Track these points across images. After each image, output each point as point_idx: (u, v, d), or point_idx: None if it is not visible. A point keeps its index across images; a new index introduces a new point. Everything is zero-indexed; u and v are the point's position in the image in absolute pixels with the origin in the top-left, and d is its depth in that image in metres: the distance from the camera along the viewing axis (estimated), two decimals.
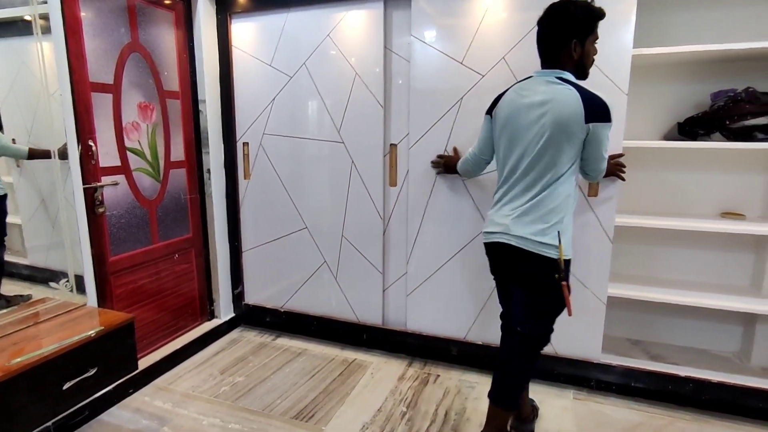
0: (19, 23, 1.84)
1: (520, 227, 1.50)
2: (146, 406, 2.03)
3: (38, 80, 1.83)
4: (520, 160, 1.52)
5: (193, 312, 2.64)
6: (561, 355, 2.13)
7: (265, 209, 2.66)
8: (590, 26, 1.47)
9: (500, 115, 1.58)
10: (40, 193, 1.97)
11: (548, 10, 1.49)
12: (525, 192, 1.51)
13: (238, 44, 2.54)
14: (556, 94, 1.44)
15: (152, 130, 2.30)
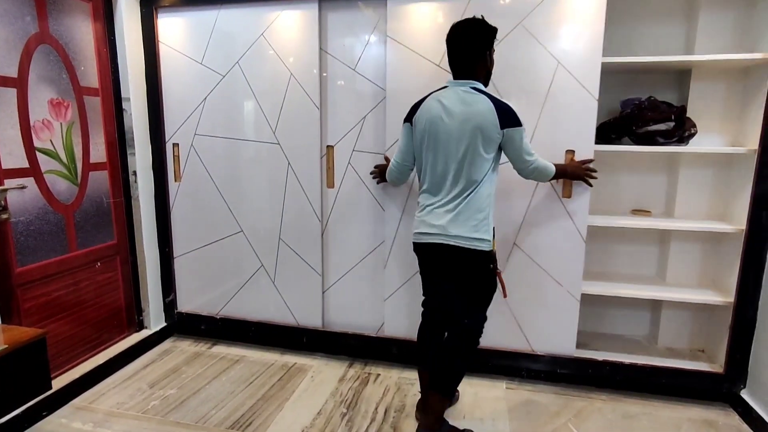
0: None
1: (455, 227, 1.62)
2: (62, 428, 1.87)
3: None
4: (447, 166, 1.63)
5: (119, 323, 2.47)
6: (537, 351, 2.19)
7: (197, 212, 2.55)
8: (494, 40, 1.67)
9: (421, 122, 1.67)
10: None
11: (463, 26, 1.63)
12: (454, 195, 1.63)
13: (166, 40, 2.42)
14: (474, 104, 1.58)
15: (67, 129, 2.13)
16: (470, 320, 1.73)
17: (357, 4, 2.16)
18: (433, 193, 1.69)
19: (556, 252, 2.10)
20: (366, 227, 2.33)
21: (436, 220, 1.65)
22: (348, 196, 2.33)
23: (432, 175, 1.68)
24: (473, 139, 1.57)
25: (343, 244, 2.39)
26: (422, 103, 1.69)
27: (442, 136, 1.61)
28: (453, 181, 1.63)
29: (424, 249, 1.73)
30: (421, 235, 1.71)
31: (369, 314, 2.41)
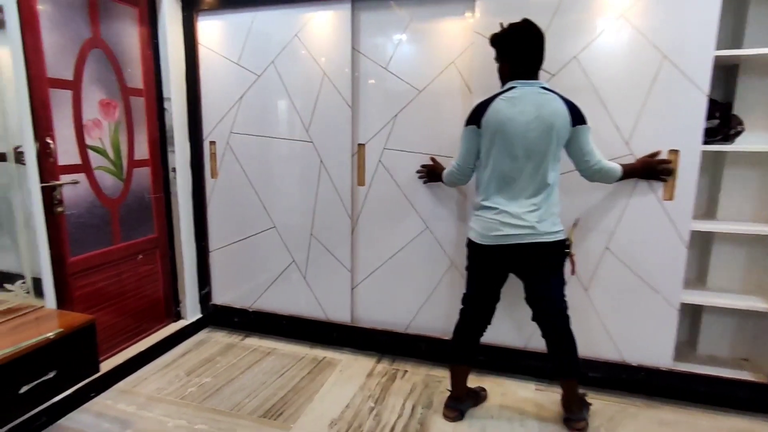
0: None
1: (543, 225, 1.67)
2: (108, 409, 1.99)
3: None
4: (523, 166, 1.65)
5: (159, 314, 2.59)
6: (629, 362, 2.08)
7: (232, 208, 2.64)
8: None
9: (491, 124, 1.66)
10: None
11: (528, 27, 1.65)
12: (534, 194, 1.68)
13: (205, 42, 2.51)
14: (548, 104, 1.62)
15: (115, 127, 2.25)
16: (564, 304, 1.79)
17: (389, 4, 2.18)
18: (506, 194, 1.70)
19: (653, 258, 1.99)
20: (395, 225, 2.35)
21: (520, 220, 1.67)
22: (378, 193, 2.36)
23: (503, 176, 1.69)
24: (549, 138, 1.61)
25: (373, 241, 2.42)
26: (489, 104, 1.68)
27: (517, 137, 1.62)
28: (530, 180, 1.66)
29: (505, 249, 1.72)
30: (503, 237, 1.69)
31: (397, 311, 2.43)
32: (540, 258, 1.73)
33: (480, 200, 1.77)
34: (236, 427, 1.88)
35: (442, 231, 2.28)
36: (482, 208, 1.75)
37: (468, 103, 2.13)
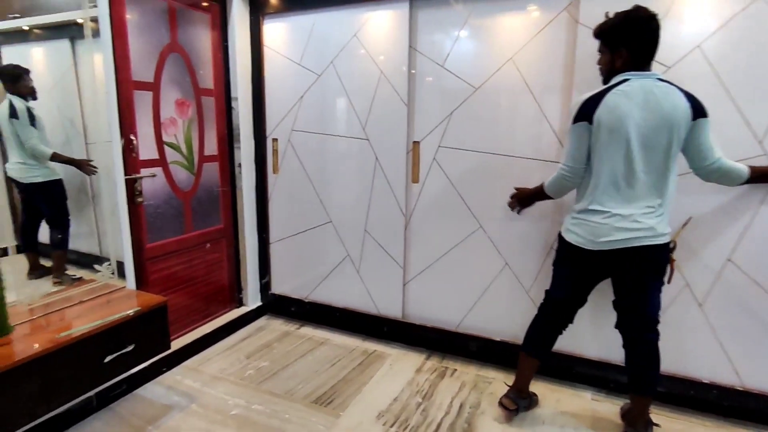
0: (72, 26, 2.00)
1: (661, 226, 1.57)
2: (177, 384, 2.17)
3: (88, 79, 1.99)
4: (639, 164, 1.53)
5: (223, 299, 2.78)
6: (748, 388, 1.89)
7: (292, 203, 2.76)
8: None
9: (606, 120, 1.54)
10: (84, 182, 2.13)
11: (645, 15, 1.52)
12: (650, 194, 1.56)
13: (270, 44, 2.65)
14: (667, 97, 1.49)
15: (188, 125, 2.44)
16: (658, 315, 1.67)
17: (448, 1, 2.18)
18: (618, 197, 1.58)
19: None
20: (449, 223, 2.35)
21: (635, 222, 1.55)
22: (432, 191, 2.37)
23: (616, 177, 1.57)
24: (670, 133, 1.49)
25: (425, 238, 2.43)
26: (601, 99, 1.55)
27: (634, 133, 1.51)
28: (646, 181, 1.55)
29: (611, 255, 1.60)
30: (612, 242, 1.58)
31: (448, 309, 2.43)
32: (648, 262, 1.60)
33: (584, 204, 1.64)
34: (289, 410, 1.98)
35: (496, 231, 2.25)
36: (587, 211, 1.63)
37: (524, 101, 2.09)
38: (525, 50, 2.06)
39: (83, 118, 2.09)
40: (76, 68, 2.06)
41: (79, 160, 2.06)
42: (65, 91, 2.08)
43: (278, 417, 1.93)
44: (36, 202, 2.04)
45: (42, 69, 2.06)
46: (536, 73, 2.04)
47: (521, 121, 2.12)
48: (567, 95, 2.01)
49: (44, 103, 1.99)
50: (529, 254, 2.18)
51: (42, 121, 1.97)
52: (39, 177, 1.99)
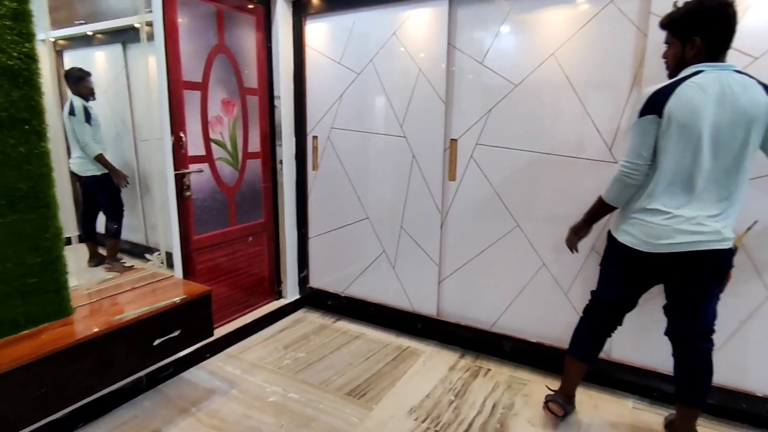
0: (125, 32, 2.14)
1: (728, 230, 1.48)
2: (219, 370, 2.28)
3: (141, 81, 2.12)
4: (709, 162, 1.43)
5: (263, 291, 2.88)
6: None
7: (330, 199, 2.82)
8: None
9: (678, 113, 1.42)
10: (133, 178, 2.28)
11: (729, 2, 1.43)
12: (719, 195, 1.46)
13: (311, 43, 2.71)
14: (746, 90, 1.40)
15: (233, 123, 2.54)
16: (714, 325, 1.59)
17: None
18: (683, 196, 1.48)
19: None
20: (485, 221, 2.33)
21: (700, 225, 1.45)
22: (468, 189, 2.35)
23: (682, 175, 1.47)
24: (747, 130, 1.39)
25: (461, 236, 2.42)
26: (673, 91, 1.44)
27: (709, 129, 1.40)
28: (716, 180, 1.45)
29: (670, 258, 1.51)
30: (673, 245, 1.49)
31: (483, 308, 2.41)
32: (710, 268, 1.50)
33: (642, 203, 1.54)
34: (324, 401, 2.03)
35: (534, 230, 2.20)
36: (645, 211, 1.53)
37: (566, 98, 2.03)
38: (568, 45, 2.00)
39: (132, 118, 2.24)
40: (127, 71, 2.22)
41: (116, 170, 2.20)
42: (118, 92, 2.23)
43: (313, 406, 1.99)
44: (93, 194, 2.20)
45: (99, 72, 2.22)
46: (580, 68, 1.98)
47: (562, 118, 2.07)
48: (615, 91, 1.94)
49: (99, 103, 2.15)
50: (568, 255, 2.11)
51: (98, 120, 2.13)
52: (95, 170, 2.14)
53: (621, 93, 1.93)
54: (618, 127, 1.95)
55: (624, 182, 1.56)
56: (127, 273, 2.12)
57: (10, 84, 1.45)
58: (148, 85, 2.08)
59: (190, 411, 1.95)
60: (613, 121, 1.96)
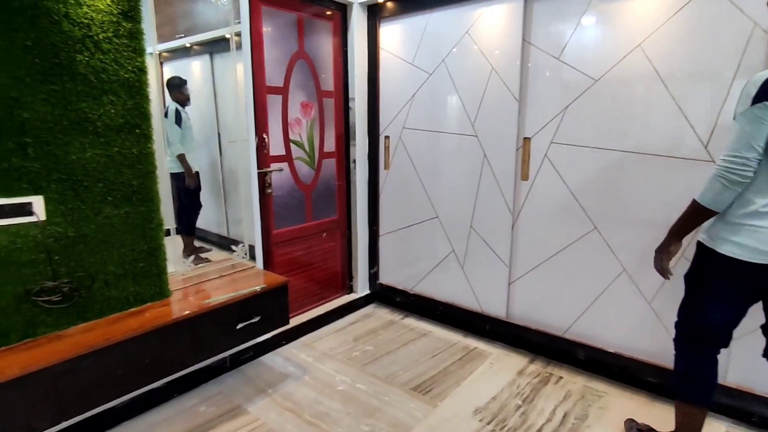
0: (212, 43, 2.36)
1: None
2: (294, 356, 2.43)
3: (229, 87, 2.32)
4: None
5: (335, 285, 3.01)
6: None
7: (400, 198, 2.88)
8: None
9: None
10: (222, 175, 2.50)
11: None
12: None
13: (385, 46, 2.78)
14: None
15: (311, 125, 2.69)
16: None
17: None
18: None
19: None
20: (559, 223, 2.24)
21: None
22: (542, 189, 2.27)
23: None
24: None
25: (534, 237, 2.34)
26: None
27: None
28: None
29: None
30: None
31: (556, 313, 2.31)
32: None
33: (754, 206, 1.36)
34: (389, 394, 2.09)
35: (614, 234, 2.08)
36: (757, 214, 1.35)
37: (654, 92, 1.89)
38: (658, 34, 1.86)
39: (218, 122, 2.46)
40: (214, 78, 2.46)
41: (190, 171, 2.40)
42: (206, 98, 2.48)
43: (379, 398, 2.06)
44: (178, 191, 2.45)
45: (192, 79, 2.48)
46: (671, 59, 1.83)
47: (649, 113, 1.93)
48: (714, 83, 1.77)
49: (192, 108, 2.40)
50: (652, 261, 1.97)
51: (188, 123, 2.37)
52: (178, 169, 2.38)
53: (721, 85, 1.76)
54: (716, 123, 1.78)
55: (728, 180, 1.36)
56: (214, 263, 2.33)
57: (126, 94, 1.67)
58: (237, 91, 2.27)
59: (267, 392, 2.11)
60: (710, 116, 1.79)
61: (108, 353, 1.52)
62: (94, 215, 1.64)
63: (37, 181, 1.50)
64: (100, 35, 1.58)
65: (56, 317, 1.58)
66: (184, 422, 1.90)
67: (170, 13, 2.27)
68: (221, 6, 2.22)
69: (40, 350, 1.46)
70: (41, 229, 1.52)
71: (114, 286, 1.72)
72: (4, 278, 1.46)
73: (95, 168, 1.62)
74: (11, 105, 1.41)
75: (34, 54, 1.44)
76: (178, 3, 2.29)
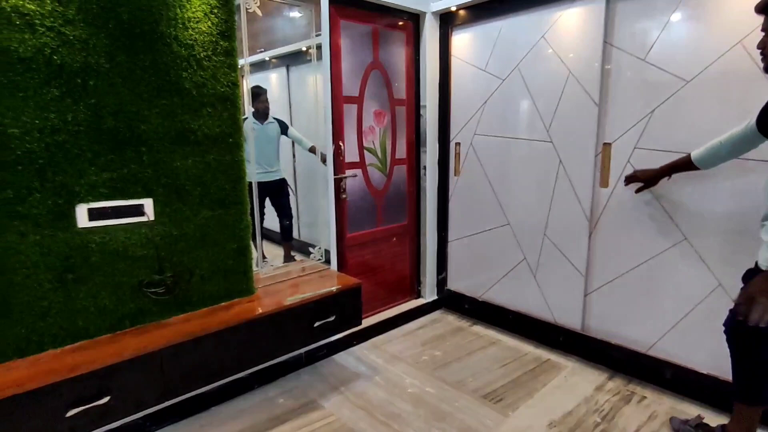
0: (288, 56, 2.52)
1: None
2: (365, 357, 2.50)
3: (308, 96, 2.46)
4: None
5: (404, 289, 3.06)
6: None
7: (470, 204, 2.87)
8: None
9: None
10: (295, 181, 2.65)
11: None
12: None
13: (456, 53, 2.80)
14: None
15: (383, 132, 2.77)
16: None
17: None
18: None
19: None
20: (644, 232, 2.11)
21: None
22: (624, 196, 2.16)
23: None
24: None
25: (614, 247, 2.23)
26: None
27: None
28: None
29: None
30: None
31: (638, 327, 2.18)
32: None
33: None
34: (459, 399, 2.08)
35: (708, 245, 1.93)
36: None
37: (759, 92, 1.73)
38: None
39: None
40: (289, 89, 2.62)
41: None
42: (281, 107, 2.66)
43: (448, 403, 2.06)
44: (260, 197, 2.62)
45: (268, 91, 2.67)
46: None
47: (749, 115, 1.77)
48: None
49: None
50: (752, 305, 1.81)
51: (265, 132, 2.54)
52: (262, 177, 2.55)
53: None
54: None
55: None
56: (293, 264, 2.47)
57: (222, 106, 1.84)
58: (316, 101, 2.40)
59: (339, 389, 2.19)
60: None
61: (205, 342, 1.67)
62: (193, 216, 1.81)
63: (149, 185, 1.69)
64: (201, 54, 1.75)
65: (160, 307, 1.77)
66: (265, 411, 2.03)
67: (253, 29, 2.46)
68: (300, 21, 2.36)
69: (149, 336, 1.64)
70: (150, 228, 1.71)
71: (208, 281, 1.88)
72: (122, 271, 1.66)
73: (195, 174, 1.79)
74: (131, 118, 1.61)
75: (150, 73, 1.64)
76: (260, 20, 2.47)
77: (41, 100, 1.43)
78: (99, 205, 1.58)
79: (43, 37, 1.41)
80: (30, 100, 1.41)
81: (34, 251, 1.48)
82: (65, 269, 1.54)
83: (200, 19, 1.73)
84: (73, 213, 1.54)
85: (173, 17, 1.66)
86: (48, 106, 1.44)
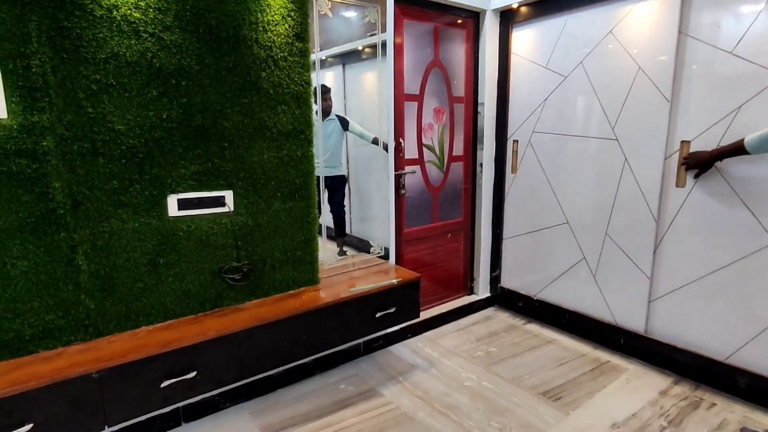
0: (344, 55, 2.59)
1: None
2: (420, 350, 2.55)
3: (373, 93, 2.53)
4: None
5: (457, 285, 3.08)
6: None
7: (527, 202, 2.85)
8: None
9: None
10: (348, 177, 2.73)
11: None
12: None
13: (516, 50, 2.78)
14: None
15: (442, 130, 2.80)
16: None
17: None
18: None
19: None
20: (723, 235, 2.02)
21: None
22: (702, 198, 2.07)
23: None
24: None
25: (687, 251, 2.15)
26: None
27: None
28: None
29: None
30: None
31: (714, 335, 2.09)
32: None
33: None
34: (517, 395, 2.09)
35: None
36: None
37: None
38: None
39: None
40: (345, 87, 2.71)
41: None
42: (337, 104, 2.77)
43: (506, 398, 2.07)
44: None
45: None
46: None
47: None
48: None
49: None
50: None
51: (326, 129, 2.64)
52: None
53: None
54: None
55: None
56: (354, 257, 2.55)
57: (295, 104, 1.94)
58: (379, 98, 2.46)
59: (398, 379, 2.25)
60: None
61: (277, 326, 1.78)
62: (267, 208, 1.93)
63: (230, 178, 1.81)
64: (278, 55, 1.86)
65: (237, 293, 1.89)
66: (328, 396, 2.12)
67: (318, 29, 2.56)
68: (361, 21, 2.42)
69: (227, 318, 1.77)
70: (230, 218, 1.83)
71: (279, 270, 1.99)
72: (205, 257, 1.79)
73: (269, 168, 1.91)
74: (216, 116, 1.74)
75: (234, 74, 1.75)
76: (323, 20, 2.57)
77: (143, 100, 1.57)
78: (187, 196, 1.72)
79: (146, 43, 1.55)
80: (134, 99, 1.56)
81: (133, 237, 1.63)
82: (157, 254, 1.69)
83: (278, 22, 1.83)
84: (164, 203, 1.68)
85: (254, 21, 1.77)
86: (148, 105, 1.59)
